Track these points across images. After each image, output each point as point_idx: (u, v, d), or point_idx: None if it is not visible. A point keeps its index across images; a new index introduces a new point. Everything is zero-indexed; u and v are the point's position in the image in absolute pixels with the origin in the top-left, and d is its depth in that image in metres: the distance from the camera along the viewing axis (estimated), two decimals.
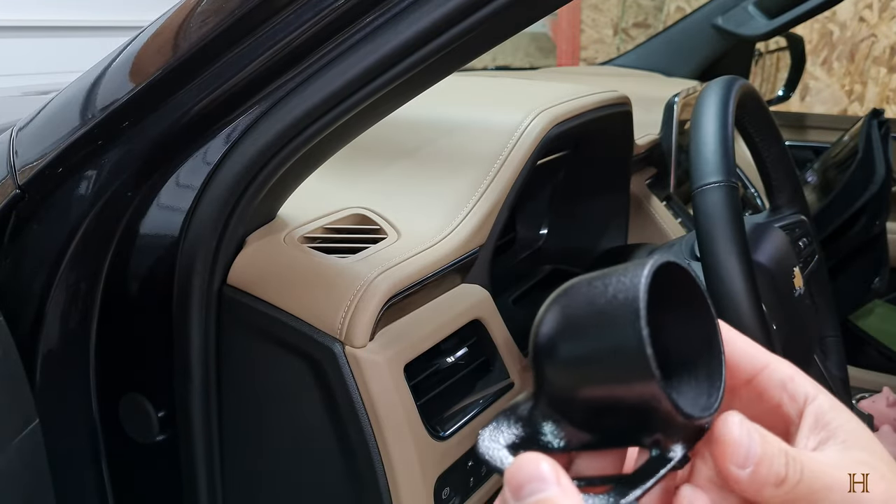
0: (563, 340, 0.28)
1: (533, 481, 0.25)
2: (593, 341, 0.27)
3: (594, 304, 0.27)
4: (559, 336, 0.28)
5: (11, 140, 0.62)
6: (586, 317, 0.28)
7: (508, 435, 0.29)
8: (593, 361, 0.27)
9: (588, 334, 0.27)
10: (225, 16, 0.51)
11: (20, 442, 0.55)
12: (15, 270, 0.61)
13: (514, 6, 0.47)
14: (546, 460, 0.25)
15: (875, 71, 2.35)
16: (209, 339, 0.59)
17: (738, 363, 0.31)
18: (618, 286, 0.27)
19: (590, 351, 0.27)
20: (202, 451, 0.60)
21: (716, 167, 0.67)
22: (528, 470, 0.25)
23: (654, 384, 0.25)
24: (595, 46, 2.98)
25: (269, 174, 0.55)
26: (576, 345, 0.28)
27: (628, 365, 0.26)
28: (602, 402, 0.27)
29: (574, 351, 0.28)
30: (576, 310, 0.28)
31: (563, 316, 0.29)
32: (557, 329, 0.29)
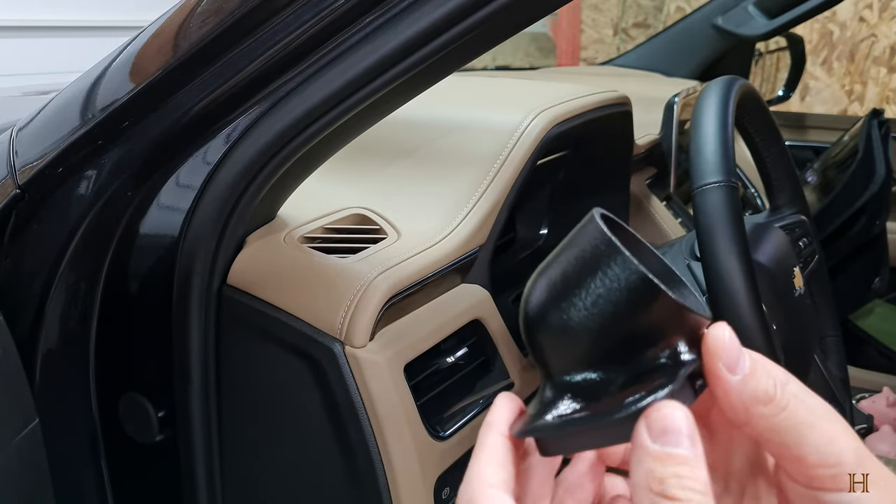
0: (556, 302, 0.28)
1: (682, 433, 0.25)
2: (588, 286, 0.28)
3: (570, 259, 0.28)
4: (551, 301, 0.29)
5: (11, 140, 0.62)
6: (571, 273, 0.28)
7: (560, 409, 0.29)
8: (597, 305, 0.27)
9: (580, 283, 0.28)
10: (225, 16, 0.51)
11: (20, 441, 0.55)
12: (15, 270, 0.61)
13: (514, 6, 0.47)
14: (689, 417, 0.26)
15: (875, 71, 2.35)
16: (209, 339, 0.59)
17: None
18: (583, 236, 0.28)
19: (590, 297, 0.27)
20: (202, 451, 0.60)
21: (716, 167, 0.67)
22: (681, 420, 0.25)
23: (662, 292, 0.26)
24: (595, 46, 2.98)
25: (269, 174, 0.55)
26: (572, 299, 0.28)
27: (629, 286, 0.26)
28: (615, 341, 0.28)
29: (573, 306, 0.28)
30: (556, 274, 0.29)
31: (549, 283, 0.29)
32: (548, 296, 0.29)
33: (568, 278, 0.28)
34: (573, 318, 0.28)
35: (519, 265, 0.92)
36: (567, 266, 0.28)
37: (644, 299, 0.27)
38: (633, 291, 0.27)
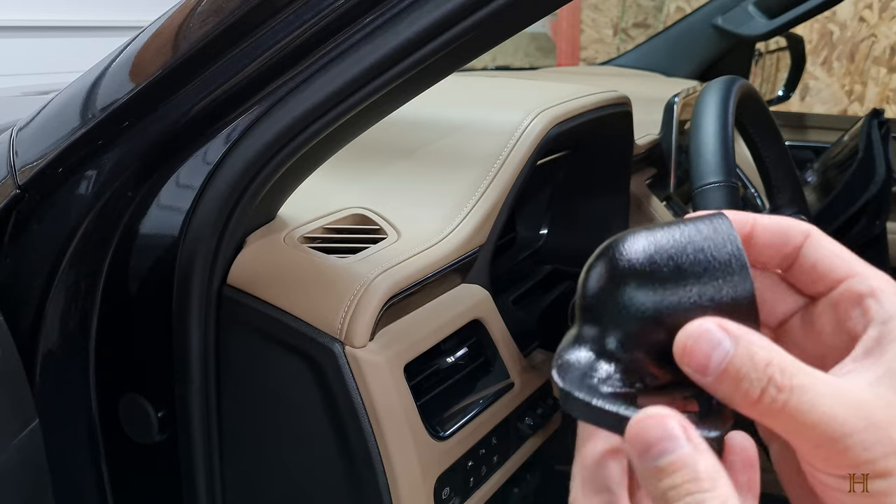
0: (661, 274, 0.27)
1: (663, 441, 0.24)
2: (700, 279, 0.27)
3: (693, 251, 0.27)
4: (656, 269, 0.28)
5: (11, 140, 0.62)
6: (687, 254, 0.27)
7: (601, 381, 0.28)
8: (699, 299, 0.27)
9: (693, 276, 0.27)
10: (225, 16, 0.51)
11: (20, 442, 0.55)
12: (15, 270, 0.61)
13: (514, 6, 0.47)
14: (673, 416, 0.24)
15: (875, 71, 2.35)
16: (209, 339, 0.59)
17: (818, 271, 0.28)
18: (709, 234, 0.28)
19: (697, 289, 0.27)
20: (201, 451, 0.60)
21: (716, 167, 0.67)
22: (657, 429, 0.24)
23: (753, 320, 0.26)
24: (595, 46, 2.99)
25: (269, 174, 0.55)
26: (680, 281, 0.27)
27: (735, 312, 0.26)
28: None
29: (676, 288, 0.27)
30: (669, 248, 0.28)
31: (660, 256, 0.28)
32: (653, 261, 0.28)
33: (682, 265, 0.27)
34: (668, 300, 0.27)
35: (519, 265, 0.92)
36: (688, 254, 0.27)
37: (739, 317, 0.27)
38: (737, 305, 0.27)
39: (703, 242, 0.28)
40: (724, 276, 0.27)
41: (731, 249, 0.27)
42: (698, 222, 0.28)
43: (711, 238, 0.28)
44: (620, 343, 0.28)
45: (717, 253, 0.27)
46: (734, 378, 0.24)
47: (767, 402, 0.24)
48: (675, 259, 0.27)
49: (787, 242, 0.29)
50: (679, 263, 0.27)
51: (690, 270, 0.27)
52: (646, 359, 0.28)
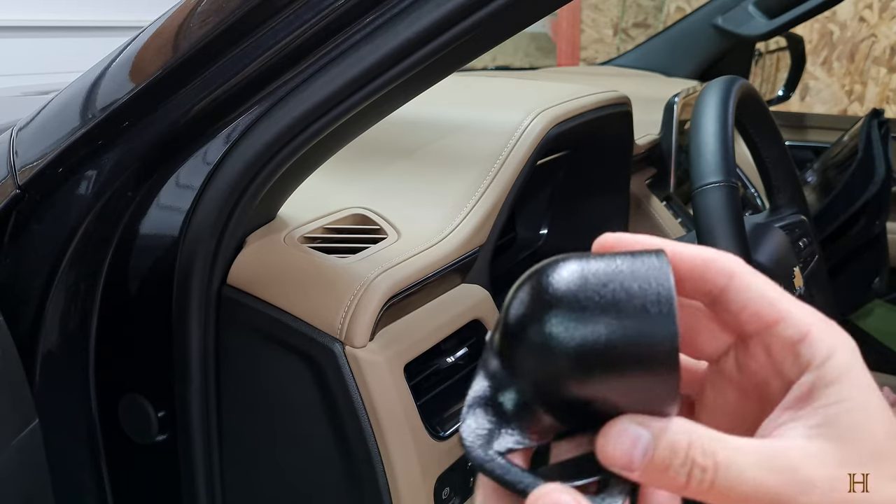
0: (567, 323, 0.25)
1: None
2: (614, 329, 0.25)
3: (619, 285, 0.25)
4: (560, 318, 0.25)
5: (11, 140, 0.62)
6: (602, 300, 0.25)
7: (502, 437, 0.27)
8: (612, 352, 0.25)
9: (605, 321, 0.25)
10: (225, 16, 0.51)
11: (19, 442, 0.55)
12: (15, 270, 0.61)
13: (514, 6, 0.47)
14: (567, 493, 0.24)
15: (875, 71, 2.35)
16: (209, 339, 0.59)
17: (745, 314, 0.27)
18: (640, 271, 0.26)
19: (610, 340, 0.25)
20: (201, 451, 0.60)
21: (716, 167, 0.67)
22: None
23: (674, 376, 0.25)
24: (595, 46, 2.98)
25: (269, 174, 0.55)
26: (589, 330, 0.25)
27: (654, 358, 0.25)
28: (603, 394, 0.26)
29: (587, 338, 0.25)
30: (585, 290, 0.26)
31: (558, 289, 0.26)
32: (578, 293, 0.26)
33: (606, 300, 0.25)
34: (587, 337, 0.25)
35: (519, 265, 0.92)
36: (613, 289, 0.25)
37: (654, 366, 0.25)
38: (653, 350, 0.25)
39: (631, 279, 0.25)
40: (645, 317, 0.25)
41: (658, 290, 0.25)
42: (634, 257, 0.26)
43: (642, 276, 0.25)
44: (535, 383, 0.26)
45: (644, 292, 0.25)
46: (660, 469, 0.25)
47: (696, 485, 0.24)
48: (600, 293, 0.25)
49: (705, 281, 0.27)
50: (603, 298, 0.25)
51: (613, 307, 0.25)
52: (562, 400, 0.26)
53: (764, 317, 0.26)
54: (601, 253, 0.27)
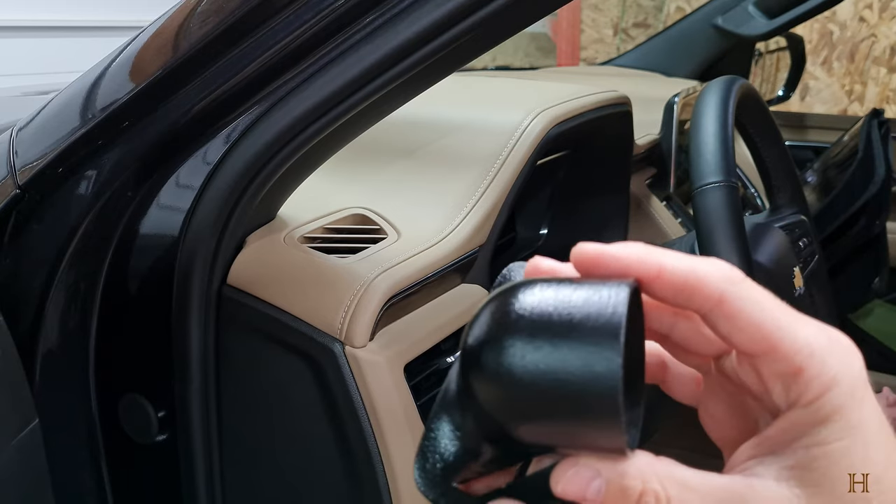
0: (507, 348, 0.25)
1: None
2: (552, 359, 0.24)
3: (561, 312, 0.24)
4: (501, 342, 0.25)
5: (11, 140, 0.62)
6: (546, 326, 0.24)
7: (448, 468, 0.27)
8: (547, 391, 0.24)
9: (550, 353, 0.24)
10: (225, 16, 0.51)
11: (19, 442, 0.55)
12: (14, 270, 0.61)
13: (514, 6, 0.47)
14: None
15: (875, 71, 2.35)
16: (209, 339, 0.59)
17: (737, 337, 0.25)
18: (592, 298, 0.24)
19: (549, 375, 0.24)
20: (201, 451, 0.60)
21: (716, 167, 0.67)
22: None
23: (616, 424, 0.23)
24: (595, 46, 2.98)
25: (269, 174, 0.55)
26: (531, 363, 0.24)
27: (596, 402, 0.23)
28: (546, 432, 0.25)
29: (523, 367, 0.24)
30: (537, 318, 0.25)
31: (510, 316, 0.25)
32: (499, 331, 0.25)
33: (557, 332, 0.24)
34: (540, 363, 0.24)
35: None
36: (565, 320, 0.24)
37: (594, 414, 0.24)
38: (592, 395, 0.23)
39: (585, 317, 0.24)
40: (590, 361, 0.23)
41: (607, 321, 0.23)
42: (599, 288, 0.25)
43: (596, 314, 0.24)
44: (486, 411, 0.26)
45: (593, 333, 0.24)
46: None
47: None
48: (554, 326, 0.24)
49: (692, 301, 0.25)
50: (555, 332, 0.24)
51: (563, 343, 0.24)
52: (513, 431, 0.26)
53: (754, 345, 0.24)
54: (574, 276, 0.26)
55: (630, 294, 0.24)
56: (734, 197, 0.66)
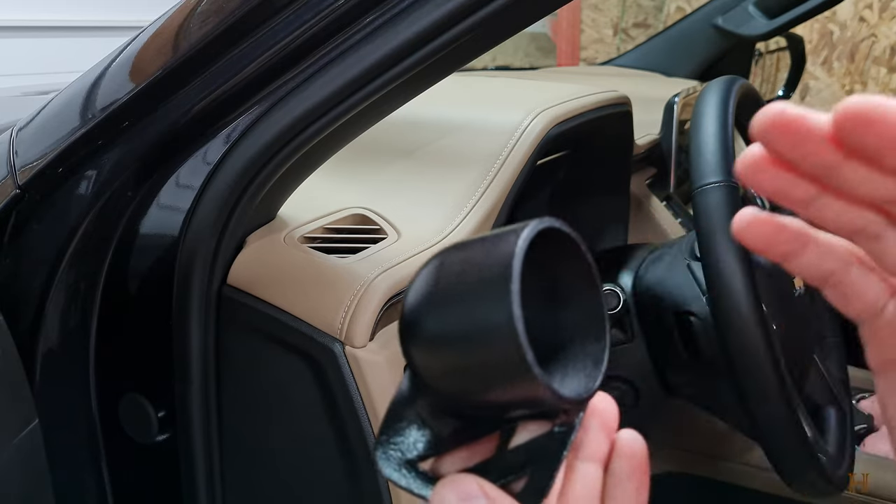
0: (426, 315, 0.24)
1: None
2: (459, 319, 0.23)
3: (465, 270, 0.23)
4: (421, 310, 0.24)
5: (11, 140, 0.62)
6: (454, 286, 0.24)
7: (405, 447, 0.26)
8: (460, 344, 0.23)
9: (454, 310, 0.23)
10: (225, 16, 0.51)
11: (19, 442, 0.55)
12: (14, 270, 0.61)
13: (514, 6, 0.47)
14: (463, 478, 0.24)
15: (875, 71, 2.35)
16: (209, 339, 0.59)
17: None
18: (492, 250, 0.23)
19: (456, 331, 0.23)
20: (202, 451, 0.60)
21: (716, 167, 0.67)
22: (450, 496, 0.24)
23: (531, 375, 0.22)
24: (595, 46, 2.98)
25: (269, 174, 0.55)
26: (441, 322, 0.24)
27: (500, 349, 0.22)
28: (475, 392, 0.24)
29: (438, 330, 0.24)
30: (443, 277, 0.24)
31: (427, 283, 0.25)
32: (419, 301, 0.25)
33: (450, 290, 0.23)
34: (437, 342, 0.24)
35: None
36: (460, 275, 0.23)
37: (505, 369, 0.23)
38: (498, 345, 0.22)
39: (484, 258, 0.23)
40: (486, 298, 0.22)
41: (501, 267, 0.22)
42: (502, 233, 0.24)
43: (493, 252, 0.23)
44: (419, 382, 0.26)
45: (489, 270, 0.23)
46: None
47: None
48: (461, 283, 0.23)
49: None
50: (462, 289, 0.23)
51: (469, 299, 0.23)
52: (446, 402, 0.25)
53: None
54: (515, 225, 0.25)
55: (528, 235, 0.23)
56: (734, 197, 0.66)
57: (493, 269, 0.23)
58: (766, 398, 0.62)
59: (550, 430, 0.25)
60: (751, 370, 0.62)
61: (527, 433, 0.26)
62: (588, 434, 0.26)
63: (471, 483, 0.24)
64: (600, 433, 0.27)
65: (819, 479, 0.66)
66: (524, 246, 0.23)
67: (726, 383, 0.66)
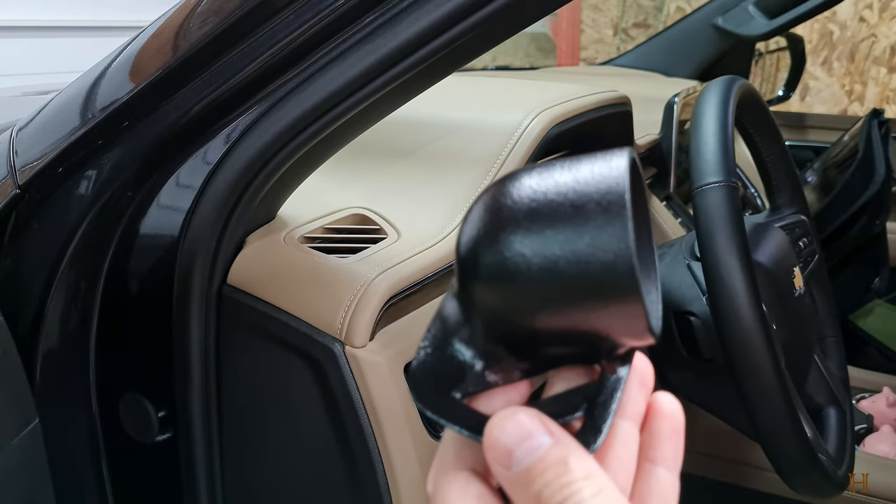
0: (511, 244, 0.22)
1: (523, 441, 0.22)
2: (562, 250, 0.22)
3: (560, 193, 0.22)
4: (507, 239, 0.22)
5: (11, 140, 0.62)
6: (549, 214, 0.22)
7: (450, 379, 0.24)
8: (559, 274, 0.22)
9: (554, 239, 0.22)
10: (225, 16, 0.51)
11: (20, 441, 0.55)
12: (15, 270, 0.61)
13: (514, 6, 0.47)
14: (523, 411, 0.22)
15: (875, 71, 2.35)
16: (209, 338, 0.59)
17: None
18: (592, 173, 0.22)
19: (558, 264, 0.22)
20: (202, 451, 0.60)
21: (716, 167, 0.67)
22: (511, 430, 0.22)
23: (638, 302, 0.21)
24: (595, 46, 2.98)
25: (269, 174, 0.55)
26: (536, 254, 0.22)
27: (611, 281, 0.21)
28: (564, 328, 0.23)
29: (533, 265, 0.22)
30: (532, 202, 0.22)
31: (511, 209, 0.22)
32: (504, 229, 0.22)
33: (551, 205, 0.22)
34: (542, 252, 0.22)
35: None
36: (559, 191, 0.22)
37: (614, 291, 0.21)
38: (608, 273, 0.21)
39: (585, 186, 0.22)
40: (597, 226, 0.21)
41: (609, 188, 0.21)
42: (594, 159, 0.23)
43: (596, 180, 0.22)
44: (492, 315, 0.24)
45: (596, 198, 0.21)
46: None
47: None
48: (554, 206, 0.22)
49: None
50: (557, 212, 0.22)
51: (566, 222, 0.22)
52: (525, 334, 0.23)
53: None
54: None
55: (629, 162, 0.22)
56: (734, 197, 0.66)
57: (599, 194, 0.22)
58: (767, 398, 0.62)
59: (601, 378, 0.24)
60: (751, 370, 0.62)
61: (576, 378, 0.25)
62: (628, 391, 0.25)
63: (532, 419, 0.22)
64: (639, 392, 0.26)
65: (819, 480, 0.66)
66: (627, 163, 0.22)
67: (726, 383, 0.66)
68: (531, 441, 0.22)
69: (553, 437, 0.22)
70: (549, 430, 0.22)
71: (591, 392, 0.24)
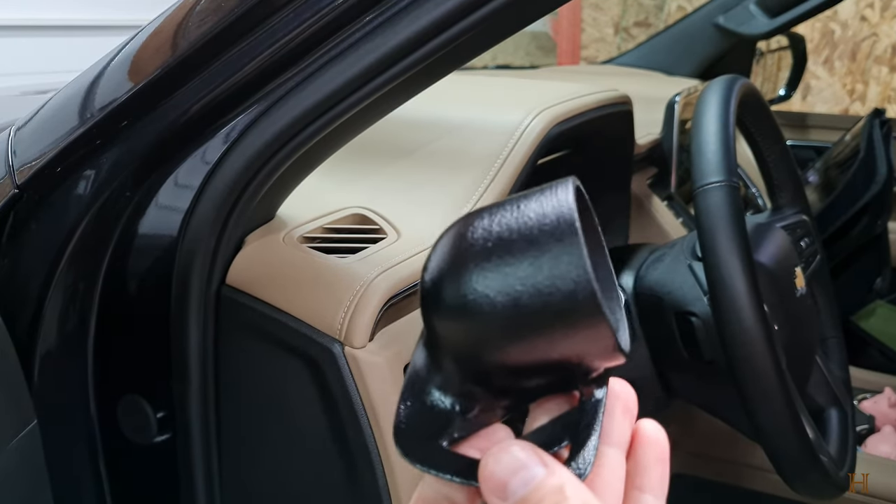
0: (471, 284, 0.23)
1: (517, 472, 0.22)
2: (523, 285, 0.22)
3: (512, 231, 0.22)
4: (466, 279, 0.23)
5: (10, 139, 0.62)
6: (506, 252, 0.22)
7: (435, 429, 0.24)
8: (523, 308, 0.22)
9: (513, 276, 0.22)
10: (224, 15, 0.51)
11: (18, 443, 0.54)
12: (13, 270, 0.61)
13: (514, 5, 0.47)
14: (516, 444, 0.23)
15: (877, 70, 2.34)
16: (207, 339, 0.59)
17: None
18: (541, 207, 0.23)
19: (521, 300, 0.22)
20: (200, 452, 0.60)
21: (717, 167, 0.67)
22: (507, 462, 0.22)
23: (604, 324, 0.22)
24: (596, 45, 2.98)
25: (269, 174, 0.55)
26: (499, 293, 0.22)
27: (574, 308, 0.22)
28: (536, 359, 0.23)
29: (497, 303, 0.22)
30: (487, 242, 0.23)
31: (468, 251, 0.23)
32: (463, 270, 0.23)
33: (505, 243, 0.22)
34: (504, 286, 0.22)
35: None
36: (511, 228, 0.23)
37: (579, 317, 0.22)
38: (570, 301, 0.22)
39: (534, 220, 0.22)
40: (550, 260, 0.22)
41: (558, 218, 0.22)
42: (541, 192, 0.23)
43: (544, 210, 0.22)
44: (458, 355, 0.24)
45: (546, 227, 0.22)
46: None
47: None
48: (509, 240, 0.23)
49: None
50: (512, 245, 0.22)
51: (522, 253, 0.22)
52: (493, 371, 0.24)
53: None
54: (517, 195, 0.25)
55: (574, 190, 0.23)
56: (736, 197, 0.66)
57: (546, 217, 0.22)
58: (768, 399, 0.62)
59: (580, 403, 0.25)
60: (752, 371, 0.61)
61: (556, 407, 0.25)
62: (613, 419, 0.26)
63: (526, 451, 0.22)
64: (624, 418, 0.26)
65: (820, 481, 0.66)
66: (572, 192, 0.23)
67: (727, 384, 0.65)
68: (526, 472, 0.22)
69: (547, 468, 0.22)
70: (543, 461, 0.22)
71: (574, 419, 0.25)
